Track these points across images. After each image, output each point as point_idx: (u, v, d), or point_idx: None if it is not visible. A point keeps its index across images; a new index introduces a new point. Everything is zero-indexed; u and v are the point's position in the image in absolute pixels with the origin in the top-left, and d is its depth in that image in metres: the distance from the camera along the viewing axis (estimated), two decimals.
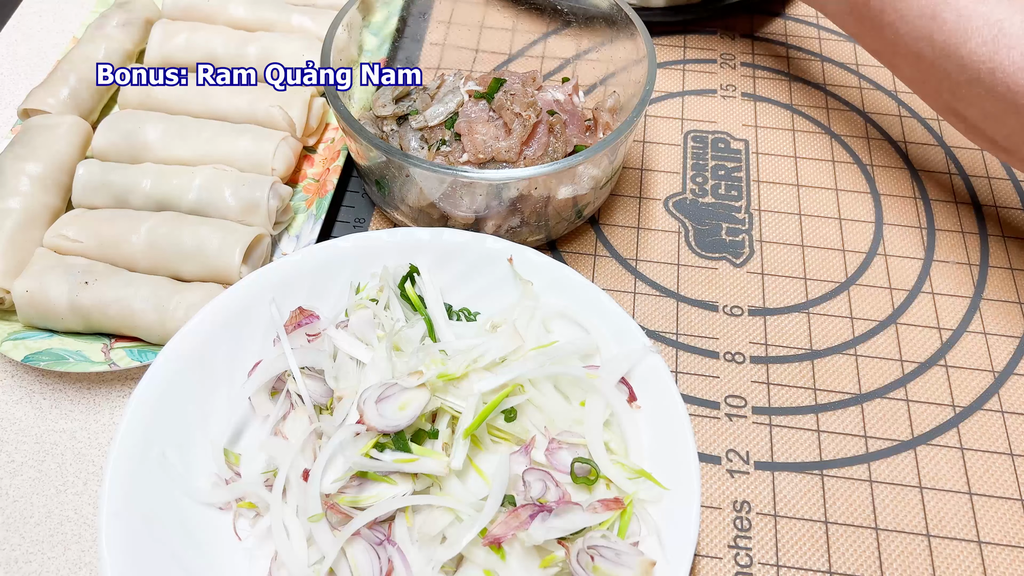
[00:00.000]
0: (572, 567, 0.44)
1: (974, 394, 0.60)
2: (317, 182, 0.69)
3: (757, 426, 0.58)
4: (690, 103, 0.77)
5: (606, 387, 0.50)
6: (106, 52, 0.72)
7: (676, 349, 0.62)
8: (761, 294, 0.64)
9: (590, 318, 0.54)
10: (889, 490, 0.56)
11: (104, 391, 0.59)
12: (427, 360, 0.49)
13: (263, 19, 0.75)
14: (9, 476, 0.55)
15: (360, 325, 0.52)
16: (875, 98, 0.78)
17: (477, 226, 0.61)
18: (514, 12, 0.75)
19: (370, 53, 0.73)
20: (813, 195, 0.70)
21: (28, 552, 0.52)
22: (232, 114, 0.69)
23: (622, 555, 0.44)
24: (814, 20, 0.84)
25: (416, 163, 0.56)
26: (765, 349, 0.61)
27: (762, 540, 0.53)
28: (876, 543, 0.53)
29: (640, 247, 0.67)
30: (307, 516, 0.46)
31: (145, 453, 0.48)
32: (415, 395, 0.48)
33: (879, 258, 0.67)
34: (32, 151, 0.64)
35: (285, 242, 0.65)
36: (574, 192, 0.60)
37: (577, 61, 0.74)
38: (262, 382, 0.52)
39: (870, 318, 0.63)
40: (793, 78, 0.79)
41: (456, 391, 0.49)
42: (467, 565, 0.46)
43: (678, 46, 0.82)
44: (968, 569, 0.53)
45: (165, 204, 0.63)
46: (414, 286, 0.56)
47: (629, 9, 0.64)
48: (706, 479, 0.56)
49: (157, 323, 0.57)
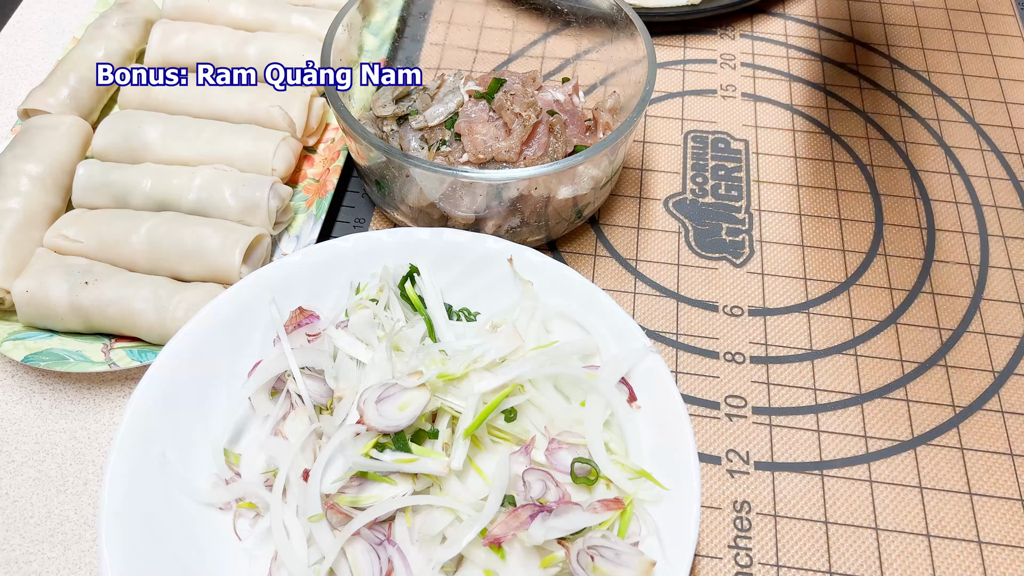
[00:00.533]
0: (572, 567, 0.44)
1: (974, 394, 0.60)
2: (317, 182, 0.69)
3: (757, 426, 0.58)
4: (690, 103, 0.77)
5: (606, 387, 0.50)
6: (106, 52, 0.72)
7: (676, 349, 0.62)
8: (761, 294, 0.64)
9: (590, 318, 0.54)
10: (889, 490, 0.56)
11: (104, 391, 0.59)
12: (427, 360, 0.49)
13: (263, 19, 0.75)
14: (9, 476, 0.55)
15: (360, 325, 0.52)
16: (875, 98, 0.78)
17: (477, 226, 0.61)
18: (514, 12, 0.75)
19: (370, 53, 0.73)
20: (813, 195, 0.70)
21: (28, 552, 0.52)
22: (232, 114, 0.69)
23: (622, 555, 0.44)
24: (814, 20, 0.84)
25: (416, 163, 0.56)
26: (765, 349, 0.61)
27: (762, 540, 0.53)
28: (876, 543, 0.53)
29: (640, 247, 0.67)
30: (307, 516, 0.46)
31: (145, 453, 0.48)
32: (415, 395, 0.48)
33: (879, 258, 0.67)
34: (32, 151, 0.64)
35: (285, 242, 0.65)
36: (574, 192, 0.60)
37: (577, 61, 0.74)
38: (262, 382, 0.52)
39: (870, 318, 0.63)
40: (793, 78, 0.79)
41: (456, 391, 0.49)
42: (467, 565, 0.46)
43: (678, 46, 0.82)
44: (968, 569, 0.53)
45: (165, 204, 0.63)
46: (414, 286, 0.56)
47: (629, 9, 0.64)
48: (706, 479, 0.56)
49: (157, 323, 0.57)
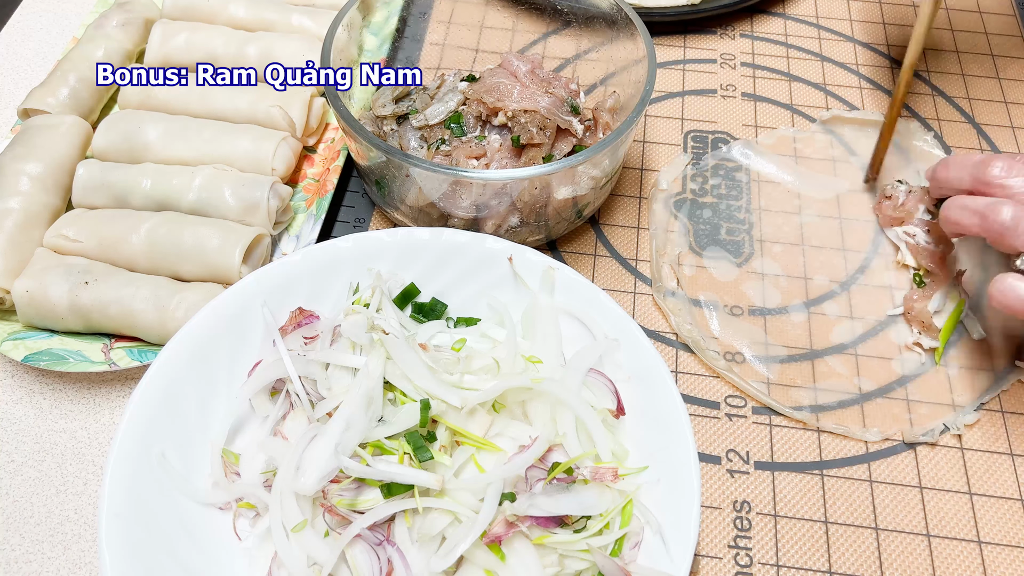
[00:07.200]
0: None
1: (974, 394, 0.60)
2: (317, 182, 0.69)
3: (757, 426, 0.58)
4: (690, 103, 0.77)
5: (564, 393, 0.50)
6: (106, 52, 0.72)
7: (676, 349, 0.62)
8: (761, 294, 0.64)
9: (590, 315, 0.54)
10: (889, 490, 0.56)
11: (104, 391, 0.59)
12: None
13: (263, 19, 0.75)
14: (9, 476, 0.55)
15: (353, 330, 0.52)
16: (875, 98, 0.78)
17: (477, 226, 0.61)
18: (514, 12, 0.75)
19: (370, 53, 0.73)
20: (813, 195, 0.70)
21: (28, 552, 0.52)
22: (232, 114, 0.69)
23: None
24: (814, 20, 0.84)
25: (416, 163, 0.56)
26: (765, 349, 0.61)
27: (762, 540, 0.53)
28: (876, 543, 0.53)
29: (640, 247, 0.67)
30: (290, 527, 0.46)
31: (145, 453, 0.48)
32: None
33: (879, 258, 0.67)
34: (32, 151, 0.64)
35: (285, 242, 0.65)
36: (574, 192, 0.60)
37: (577, 61, 0.74)
38: (261, 384, 0.52)
39: (870, 318, 0.63)
40: (793, 78, 0.79)
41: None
42: (467, 565, 0.46)
43: (678, 46, 0.82)
44: (968, 569, 0.53)
45: (165, 204, 0.63)
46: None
47: (629, 9, 0.64)
48: (706, 479, 0.56)
49: (157, 323, 0.57)
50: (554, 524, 0.46)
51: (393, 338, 0.50)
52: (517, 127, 0.61)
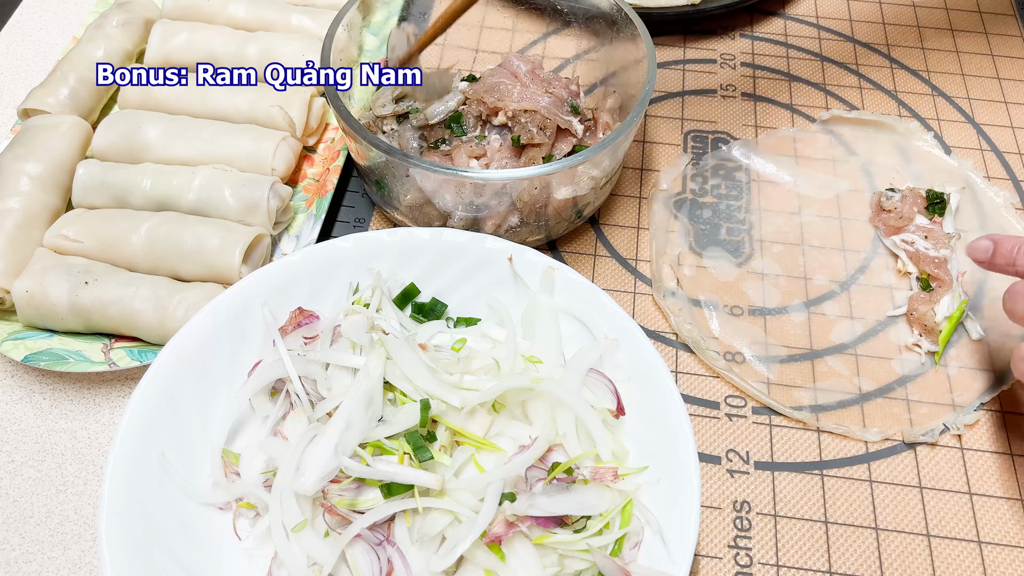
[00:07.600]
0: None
1: (974, 394, 0.60)
2: (317, 182, 0.69)
3: (757, 426, 0.58)
4: (690, 103, 0.77)
5: (564, 394, 0.50)
6: (106, 52, 0.72)
7: (676, 349, 0.62)
8: (761, 294, 0.64)
9: (590, 315, 0.54)
10: (889, 490, 0.56)
11: (104, 391, 0.59)
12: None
13: (263, 19, 0.75)
14: (9, 476, 0.55)
15: (353, 330, 0.52)
16: (875, 98, 0.78)
17: (477, 226, 0.61)
18: (514, 12, 0.75)
19: (370, 53, 0.73)
20: (813, 195, 0.70)
21: (28, 552, 0.52)
22: (232, 114, 0.69)
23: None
24: (814, 20, 0.84)
25: (416, 163, 0.56)
26: (765, 349, 0.61)
27: (762, 540, 0.53)
28: (876, 543, 0.53)
29: (640, 247, 0.67)
30: (290, 528, 0.46)
31: (145, 453, 0.48)
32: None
33: (879, 258, 0.67)
34: (32, 151, 0.64)
35: (285, 242, 0.65)
36: (574, 192, 0.60)
37: (577, 61, 0.74)
38: (261, 384, 0.52)
39: (870, 318, 0.63)
40: (793, 78, 0.79)
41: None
42: (467, 565, 0.46)
43: (678, 46, 0.82)
44: (968, 569, 0.53)
45: (165, 204, 0.63)
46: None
47: (629, 9, 0.64)
48: (706, 479, 0.56)
49: (157, 323, 0.57)
50: (554, 524, 0.46)
51: (393, 338, 0.50)
52: (517, 127, 0.61)
